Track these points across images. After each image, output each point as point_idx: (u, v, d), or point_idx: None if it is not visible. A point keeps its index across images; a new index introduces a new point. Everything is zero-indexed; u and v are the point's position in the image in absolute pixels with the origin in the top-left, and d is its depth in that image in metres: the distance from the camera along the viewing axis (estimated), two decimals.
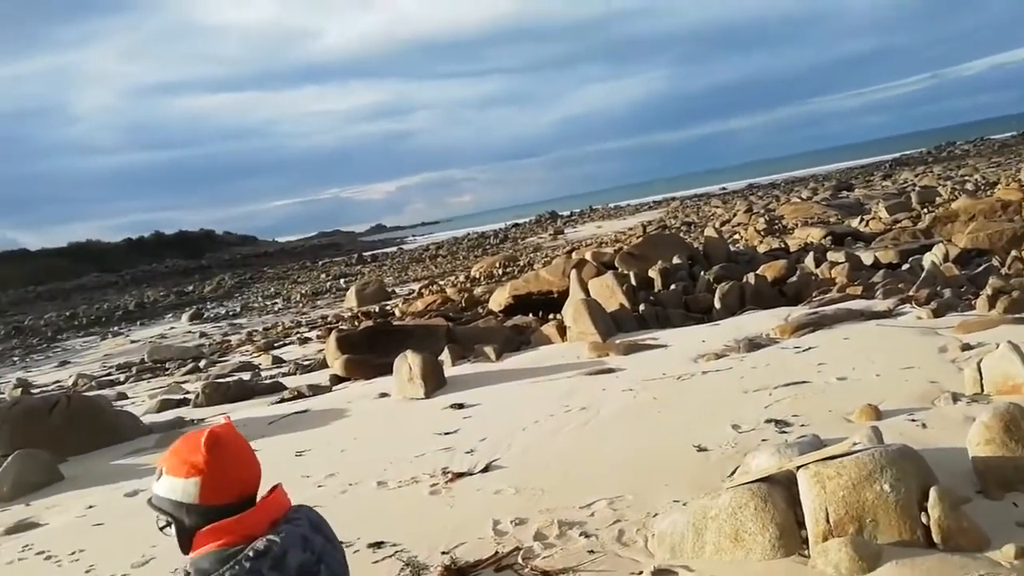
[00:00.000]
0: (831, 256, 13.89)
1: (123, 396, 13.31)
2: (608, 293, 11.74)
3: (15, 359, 25.04)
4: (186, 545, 1.50)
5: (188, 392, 12.06)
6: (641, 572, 3.24)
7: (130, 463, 7.29)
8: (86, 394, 11.18)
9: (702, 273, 13.26)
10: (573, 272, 13.09)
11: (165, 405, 11.04)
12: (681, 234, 24.00)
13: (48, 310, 43.39)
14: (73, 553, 4.94)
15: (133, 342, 24.42)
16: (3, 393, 15.36)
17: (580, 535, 3.74)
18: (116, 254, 79.00)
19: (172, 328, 27.03)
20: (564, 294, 13.56)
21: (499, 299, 15.48)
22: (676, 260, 14.31)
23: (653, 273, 13.53)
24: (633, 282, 12.93)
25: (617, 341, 9.30)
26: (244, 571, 1.39)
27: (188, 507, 1.47)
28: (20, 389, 15.24)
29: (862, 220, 20.92)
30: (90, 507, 5.93)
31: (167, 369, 17.12)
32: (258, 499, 1.54)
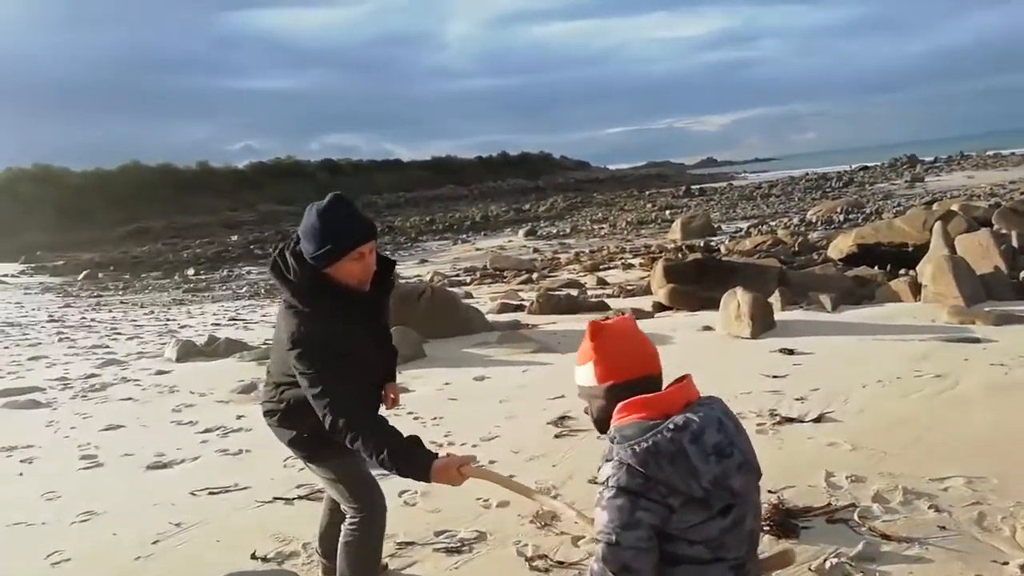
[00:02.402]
0: None
1: (469, 295, 15.01)
2: (980, 253, 10.15)
3: (387, 252, 29.50)
4: (602, 424, 1.69)
5: (523, 300, 13.19)
6: (1007, 563, 2.86)
7: (477, 352, 8.27)
8: (445, 288, 12.76)
9: None
10: (937, 224, 11.54)
11: (504, 308, 12.23)
12: None
13: (412, 214, 50.08)
14: (434, 419, 5.81)
15: (478, 249, 27.26)
16: None
17: (929, 508, 3.41)
18: (468, 170, 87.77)
19: (510, 241, 29.55)
20: (921, 248, 12.07)
21: (841, 246, 14.28)
22: None
23: None
24: (1015, 243, 11.02)
25: (986, 309, 8.07)
26: (666, 440, 1.52)
27: (592, 389, 1.68)
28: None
29: None
30: (446, 384, 6.88)
31: (505, 277, 18.88)
32: (664, 385, 1.69)
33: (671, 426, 1.53)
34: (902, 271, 11.88)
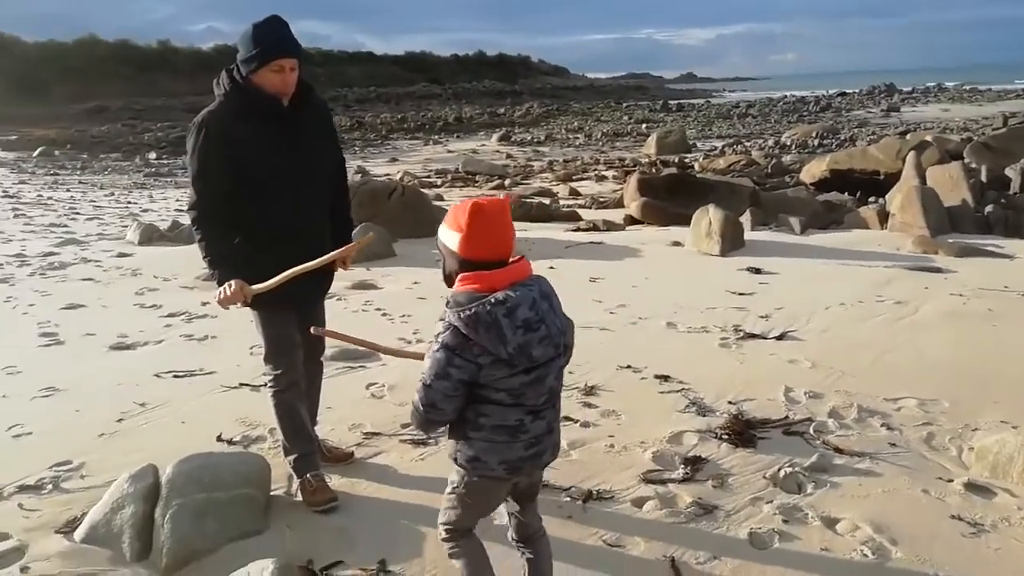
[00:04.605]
0: None
1: (439, 198, 14.80)
2: (949, 185, 10.28)
3: (356, 149, 28.80)
4: (448, 279, 1.96)
5: None
6: (951, 480, 3.00)
7: None
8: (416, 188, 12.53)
9: None
10: (911, 154, 11.60)
11: None
12: None
13: (383, 111, 48.71)
14: (403, 316, 5.81)
15: (449, 152, 26.76)
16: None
17: (882, 426, 3.54)
18: (443, 68, 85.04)
19: (483, 145, 29.03)
20: (892, 177, 12.19)
21: (813, 170, 14.34)
22: None
23: (1011, 172, 11.54)
24: (983, 178, 11.16)
25: (950, 241, 8.23)
26: (485, 311, 1.79)
27: (452, 253, 1.91)
28: (360, 175, 17.61)
29: None
30: (415, 283, 6.85)
31: (476, 181, 18.63)
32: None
33: (492, 300, 1.80)
34: (872, 199, 12.01)
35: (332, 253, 2.82)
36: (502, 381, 1.86)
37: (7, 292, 6.90)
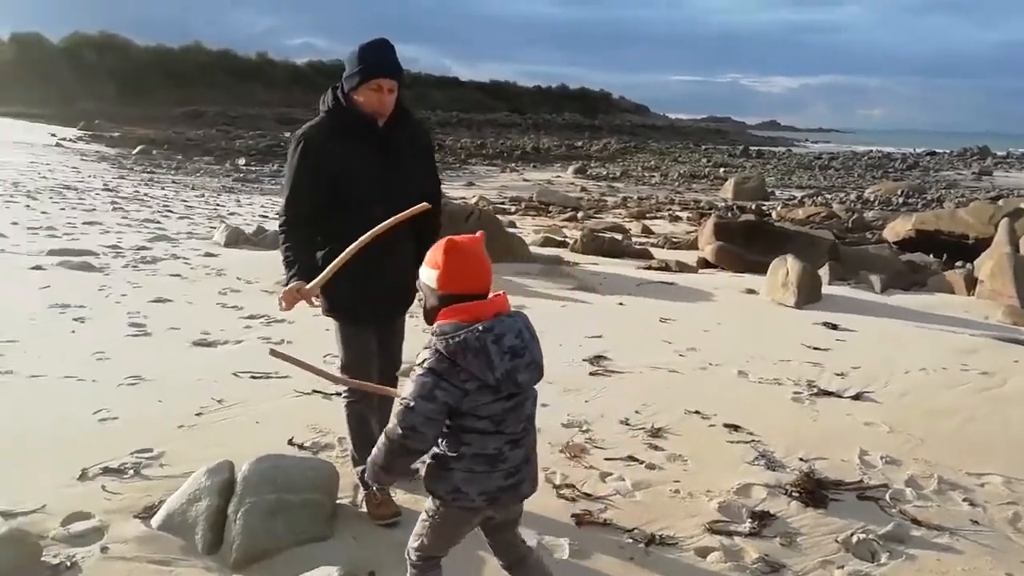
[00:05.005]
0: None
1: (512, 225, 14.94)
2: None
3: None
4: (429, 316, 2.03)
5: (567, 237, 13.11)
6: None
7: (517, 281, 8.27)
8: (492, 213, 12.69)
9: None
10: (1004, 221, 11.10)
11: (547, 242, 12.17)
12: None
13: (464, 136, 49.62)
14: None
15: (525, 180, 27.02)
16: None
17: (964, 500, 3.39)
18: (525, 98, 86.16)
19: (558, 176, 29.23)
20: (982, 243, 11.71)
21: (898, 228, 13.92)
22: None
23: None
24: None
25: None
26: (474, 337, 1.87)
27: (431, 290, 2.00)
28: None
29: None
30: None
31: (549, 211, 18.74)
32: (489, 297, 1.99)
33: (480, 328, 1.87)
34: (959, 263, 11.57)
35: (383, 224, 2.63)
36: (485, 407, 1.92)
37: (102, 281, 7.28)
